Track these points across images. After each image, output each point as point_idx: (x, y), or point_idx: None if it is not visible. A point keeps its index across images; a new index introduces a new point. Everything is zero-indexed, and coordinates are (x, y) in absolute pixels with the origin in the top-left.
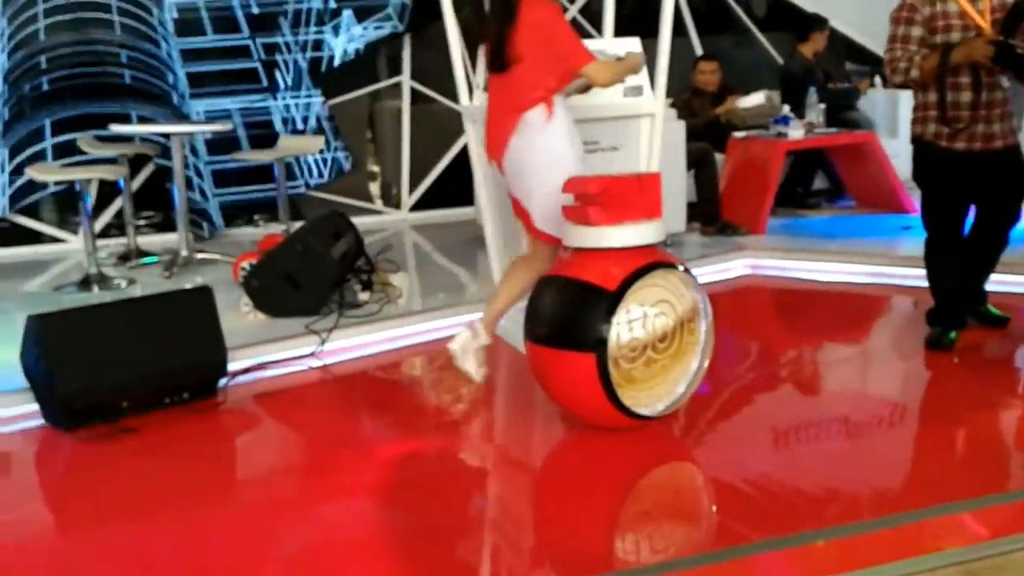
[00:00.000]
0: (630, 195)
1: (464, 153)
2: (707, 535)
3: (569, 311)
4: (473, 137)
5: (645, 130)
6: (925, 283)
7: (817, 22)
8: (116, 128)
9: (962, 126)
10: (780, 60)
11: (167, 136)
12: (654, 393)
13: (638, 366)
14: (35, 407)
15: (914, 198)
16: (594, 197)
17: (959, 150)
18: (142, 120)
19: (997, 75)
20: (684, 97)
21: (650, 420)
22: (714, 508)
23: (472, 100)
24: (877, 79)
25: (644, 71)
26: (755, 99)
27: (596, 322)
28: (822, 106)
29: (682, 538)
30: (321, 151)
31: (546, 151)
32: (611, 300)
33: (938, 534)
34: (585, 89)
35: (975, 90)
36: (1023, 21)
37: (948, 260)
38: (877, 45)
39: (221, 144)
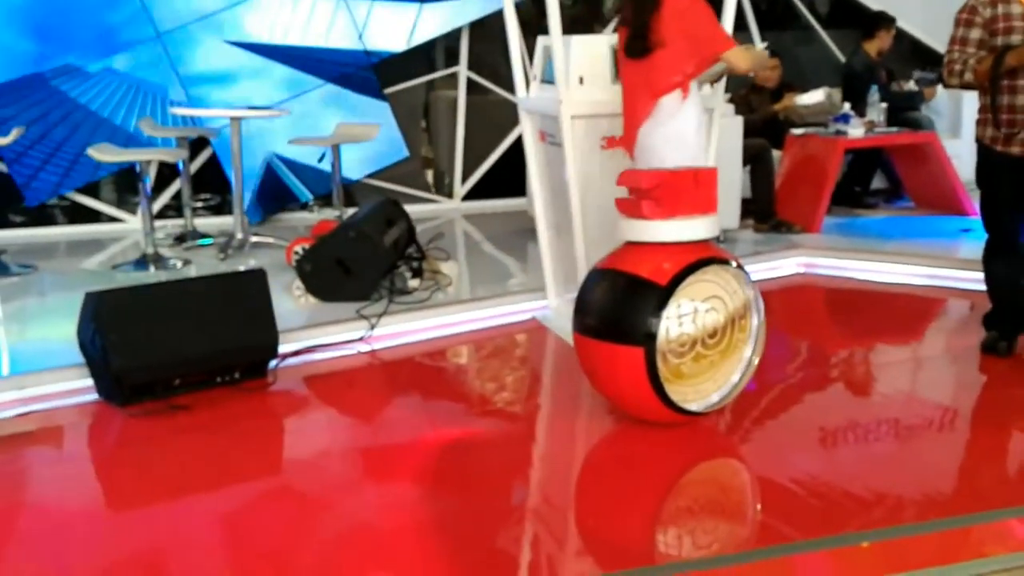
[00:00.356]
0: (684, 190)
1: (518, 144)
2: (750, 532)
3: (619, 304)
4: (528, 128)
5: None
6: (983, 286)
7: (883, 20)
8: (177, 111)
9: (1017, 131)
10: (842, 58)
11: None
12: (702, 389)
13: (687, 361)
14: (90, 382)
15: (975, 201)
16: (648, 191)
17: (1015, 154)
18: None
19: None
20: (743, 93)
21: (697, 416)
22: (758, 506)
23: (528, 91)
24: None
25: None
26: (815, 96)
27: (646, 316)
28: (883, 105)
29: (725, 535)
30: None
31: (675, 136)
32: (662, 294)
33: (984, 539)
34: (719, 77)
35: (993, 99)
36: None
37: (1006, 264)
38: (943, 46)
39: None
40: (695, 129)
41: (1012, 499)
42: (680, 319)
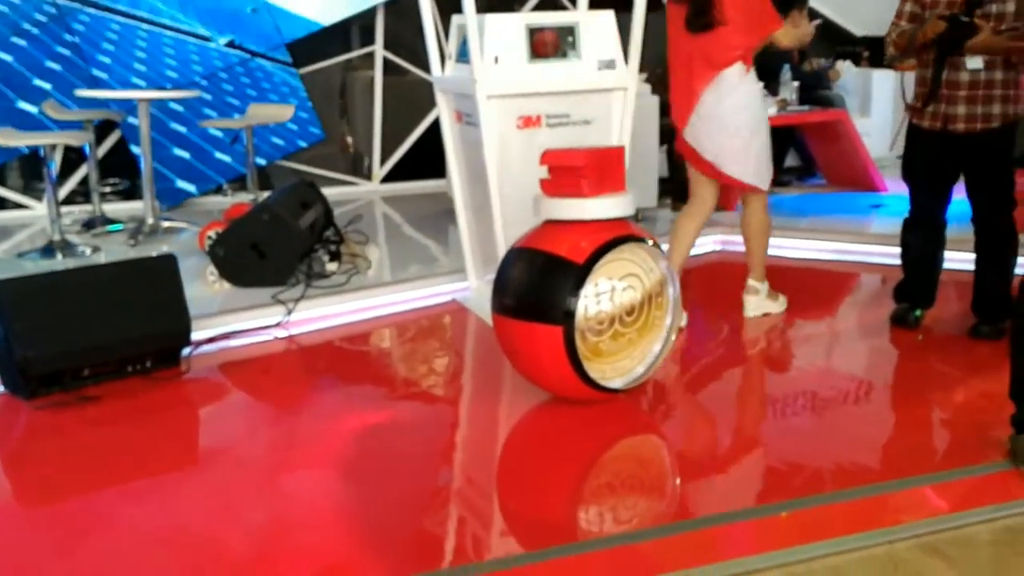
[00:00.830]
0: (610, 168)
1: (437, 125)
2: (671, 507)
3: (537, 283)
4: (444, 108)
5: (617, 104)
6: (894, 261)
7: (796, 1)
8: (82, 93)
9: (919, 104)
10: None
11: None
12: (620, 366)
13: (605, 339)
14: None
15: (884, 177)
16: (582, 169)
17: (923, 127)
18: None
19: (962, 55)
20: (659, 72)
21: (616, 393)
22: (678, 481)
23: (444, 71)
24: (845, 64)
25: (618, 45)
26: None
27: (564, 294)
28: (795, 83)
29: (646, 510)
30: None
31: (743, 107)
32: (579, 273)
33: (899, 507)
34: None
35: (936, 68)
36: None
37: (918, 236)
38: (856, 27)
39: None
40: (760, 97)
41: (925, 467)
42: (598, 297)
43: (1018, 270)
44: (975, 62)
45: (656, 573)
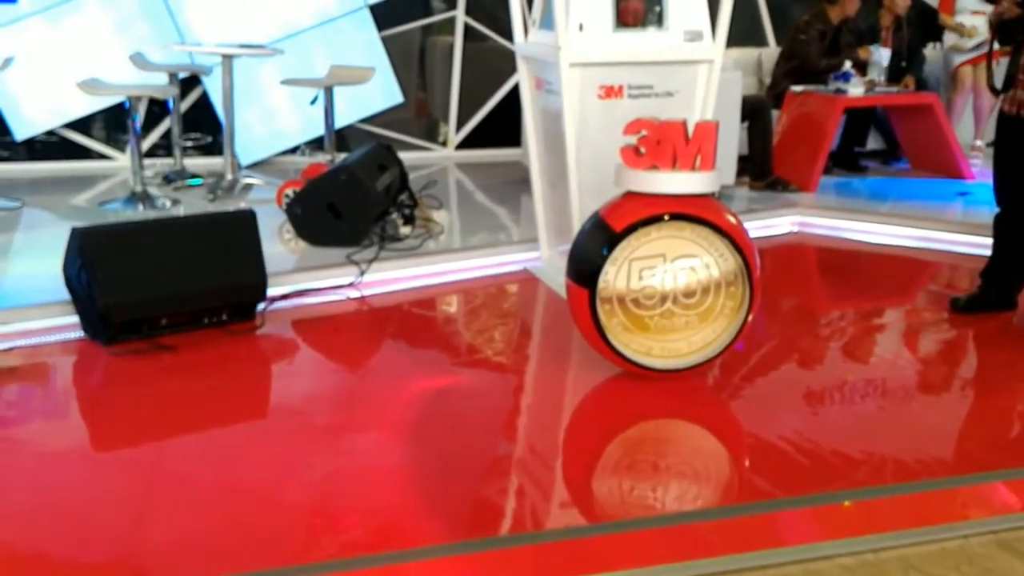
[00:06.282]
0: (672, 142)
1: (513, 94)
2: (735, 489)
3: (581, 244)
4: (525, 75)
5: (702, 77)
6: (979, 251)
7: None
8: (169, 47)
9: (1003, 89)
10: None
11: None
12: (673, 347)
13: (655, 315)
14: (75, 319)
15: (972, 164)
16: (657, 142)
17: (1003, 111)
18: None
19: None
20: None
21: (655, 371)
22: (746, 462)
23: (526, 37)
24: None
25: (706, 16)
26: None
27: (595, 257)
28: (885, 64)
29: (710, 490)
30: None
31: None
32: (612, 239)
33: (967, 502)
34: None
35: (1014, 54)
36: None
37: (1006, 227)
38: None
39: None
40: None
41: (998, 463)
42: (641, 271)
43: None
44: None
45: (715, 555)
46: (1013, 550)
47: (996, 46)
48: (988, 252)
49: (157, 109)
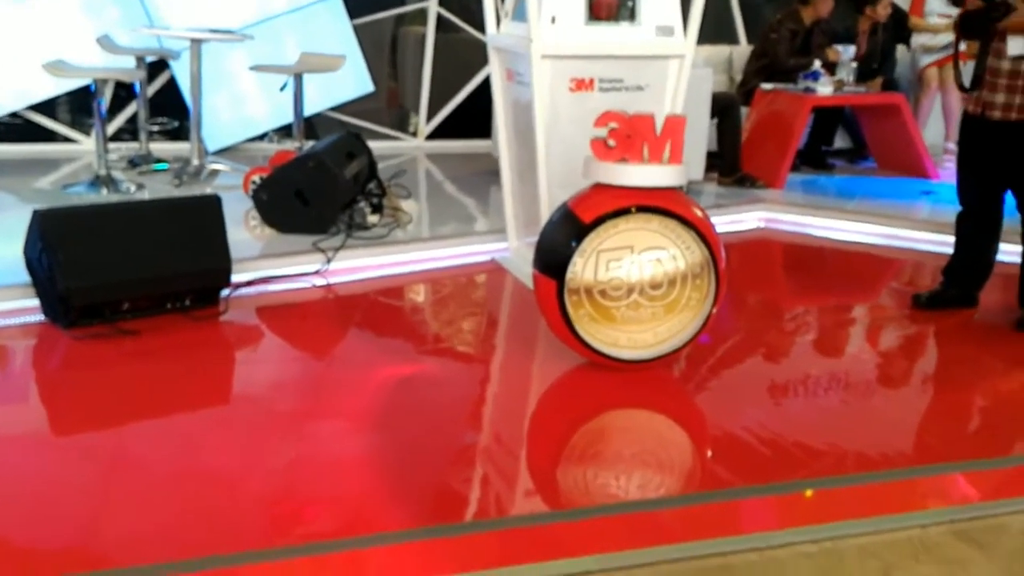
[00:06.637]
0: (642, 136)
1: (485, 86)
2: (698, 478)
3: (550, 234)
4: (496, 67)
5: (673, 72)
6: (942, 249)
7: None
8: (138, 30)
9: (968, 89)
10: None
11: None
12: (639, 339)
13: (621, 307)
14: (36, 302)
15: (938, 164)
16: (627, 135)
17: (967, 112)
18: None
19: (1001, 41)
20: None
21: (621, 362)
22: (709, 453)
23: (498, 28)
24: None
25: (678, 12)
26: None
27: (563, 248)
28: (853, 64)
29: (672, 479)
30: None
31: None
32: (581, 230)
33: (926, 493)
34: None
35: (981, 54)
36: None
37: (968, 225)
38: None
39: None
40: None
41: (957, 454)
42: (608, 262)
43: None
44: (1016, 47)
45: (675, 541)
46: (970, 539)
47: (963, 47)
48: (950, 250)
49: (124, 93)
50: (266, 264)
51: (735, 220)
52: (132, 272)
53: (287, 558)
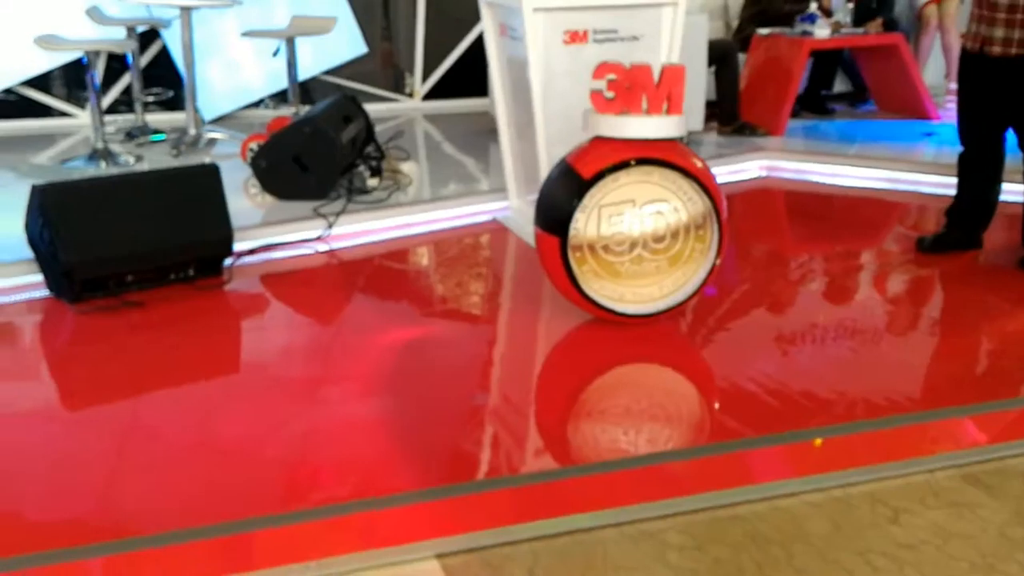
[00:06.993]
0: (643, 87)
1: (479, 43)
2: (706, 430)
3: (547, 192)
4: (489, 22)
5: (667, 20)
6: (945, 191)
7: None
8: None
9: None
10: None
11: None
12: (644, 292)
13: (625, 261)
14: (39, 278)
15: (939, 105)
16: (609, 85)
17: (965, 48)
18: None
19: None
20: None
21: (627, 317)
22: (716, 404)
23: None
24: None
25: None
26: None
27: (564, 205)
28: (850, 5)
29: (680, 432)
30: None
31: None
32: (582, 185)
33: (935, 437)
34: None
35: None
36: None
37: (969, 165)
38: None
39: None
40: None
41: (966, 398)
42: (612, 217)
43: None
44: None
45: (685, 494)
46: (978, 482)
47: None
48: (953, 192)
49: (117, 65)
50: (268, 232)
51: (736, 169)
52: (134, 244)
53: (304, 521)
